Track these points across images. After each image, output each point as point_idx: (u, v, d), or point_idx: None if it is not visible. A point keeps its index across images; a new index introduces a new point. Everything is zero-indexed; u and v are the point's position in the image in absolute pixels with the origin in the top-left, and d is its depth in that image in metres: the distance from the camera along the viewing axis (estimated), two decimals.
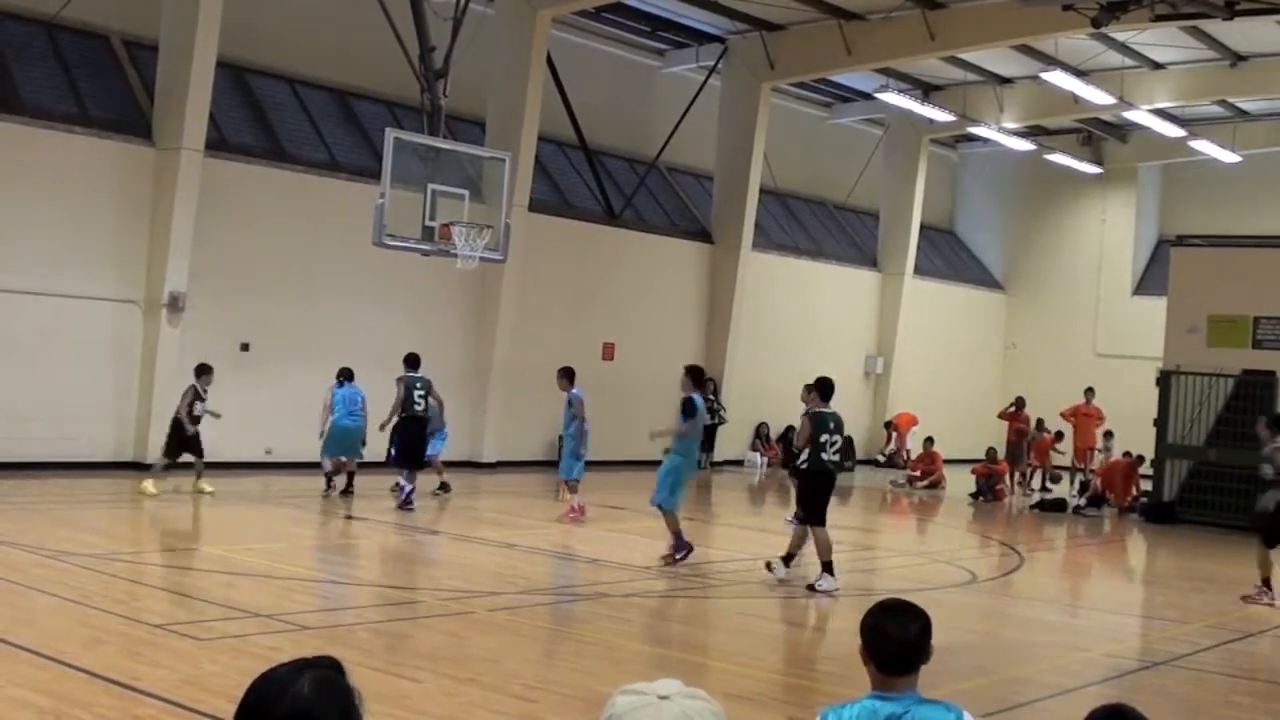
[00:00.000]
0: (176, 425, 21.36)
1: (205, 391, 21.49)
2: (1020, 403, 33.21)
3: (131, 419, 23.90)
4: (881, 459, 38.63)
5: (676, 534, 16.95)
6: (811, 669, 11.78)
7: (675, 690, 2.95)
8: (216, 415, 21.63)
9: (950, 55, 32.84)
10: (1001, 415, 33.59)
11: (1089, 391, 32.17)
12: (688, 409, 17.17)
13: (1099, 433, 32.48)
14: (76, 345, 23.15)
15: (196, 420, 21.36)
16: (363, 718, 2.86)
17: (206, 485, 21.23)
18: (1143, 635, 15.28)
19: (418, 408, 21.99)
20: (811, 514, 16.23)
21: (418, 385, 22.06)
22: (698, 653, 12.52)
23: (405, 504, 21.10)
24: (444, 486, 23.34)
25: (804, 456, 16.31)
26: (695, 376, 17.63)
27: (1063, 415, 32.41)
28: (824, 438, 16.04)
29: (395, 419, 21.83)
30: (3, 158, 22.28)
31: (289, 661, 2.88)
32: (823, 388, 16.58)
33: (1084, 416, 32.31)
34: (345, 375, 23.06)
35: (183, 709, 8.74)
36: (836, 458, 16.41)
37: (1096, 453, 32.31)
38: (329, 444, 22.62)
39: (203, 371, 21.62)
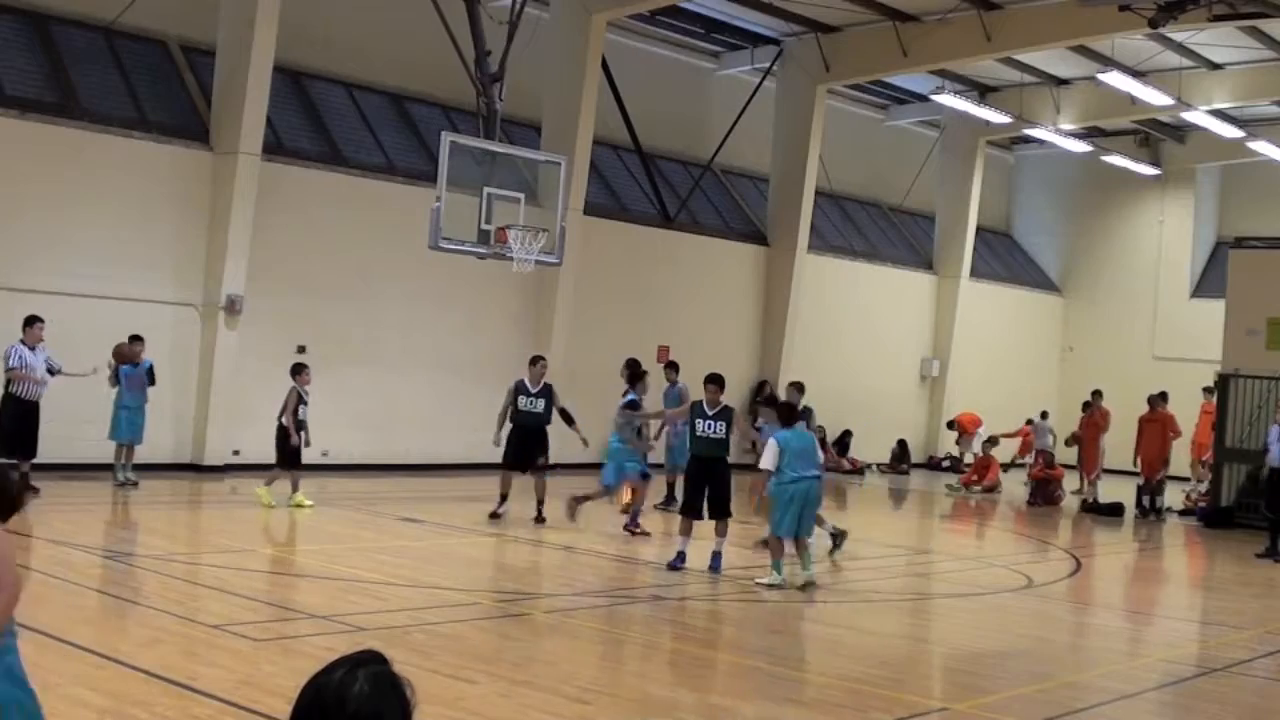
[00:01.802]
0: (284, 433, 20.48)
1: (305, 394, 20.64)
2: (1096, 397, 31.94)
3: (190, 421, 24.09)
4: (946, 463, 38.40)
5: None
6: (867, 673, 11.72)
7: None
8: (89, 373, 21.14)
9: (1006, 56, 32.67)
10: (1070, 441, 32.52)
11: (1162, 397, 30.46)
12: None
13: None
14: None
15: (301, 426, 20.50)
16: (413, 708, 2.90)
17: (305, 499, 20.48)
18: (1200, 641, 15.15)
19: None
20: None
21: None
22: (753, 656, 12.49)
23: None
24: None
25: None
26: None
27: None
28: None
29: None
30: (62, 162, 22.52)
31: (336, 661, 2.90)
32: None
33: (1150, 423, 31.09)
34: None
35: (240, 709, 8.79)
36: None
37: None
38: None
39: (297, 371, 20.81)
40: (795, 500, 15.58)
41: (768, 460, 15.61)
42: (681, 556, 16.67)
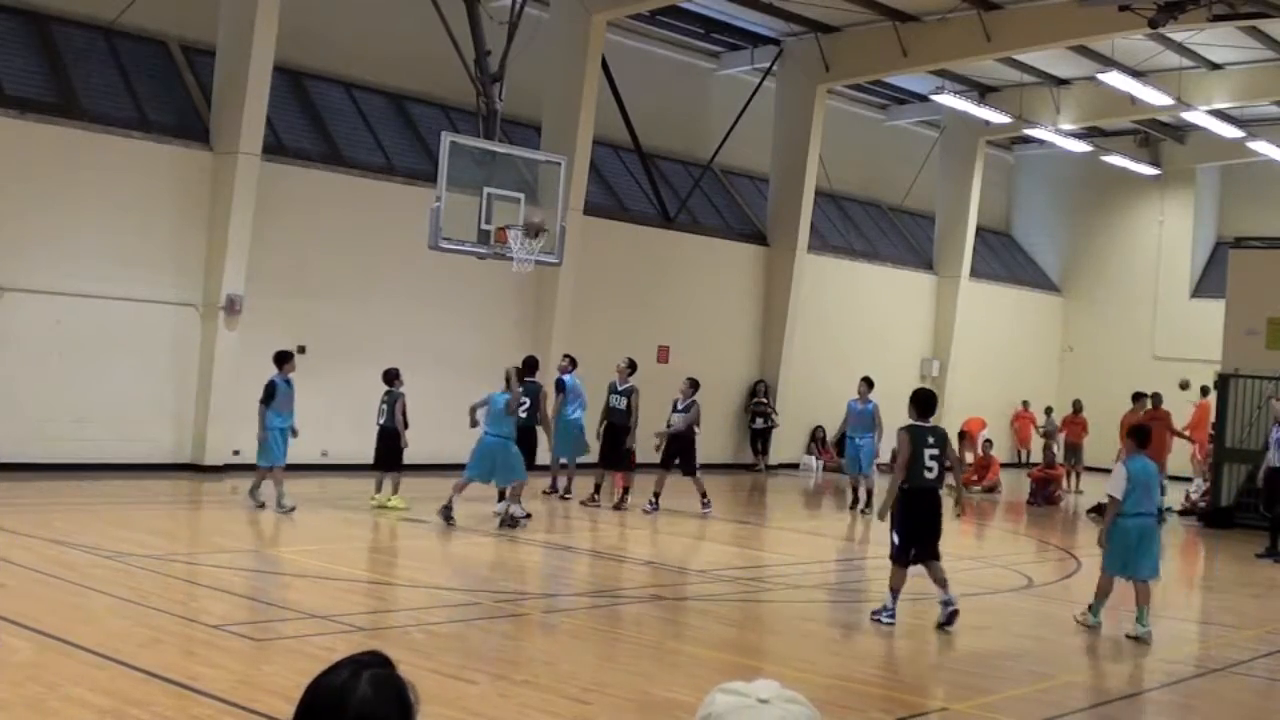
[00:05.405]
0: (394, 435, 21.11)
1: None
2: (1076, 406, 32.94)
3: (190, 421, 24.09)
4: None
5: None
6: (867, 673, 11.73)
7: (774, 693, 2.89)
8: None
9: (1006, 56, 32.67)
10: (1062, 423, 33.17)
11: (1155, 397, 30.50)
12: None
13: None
14: (135, 348, 23.35)
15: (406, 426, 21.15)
16: (416, 711, 2.87)
17: (391, 500, 20.96)
18: (1200, 641, 15.16)
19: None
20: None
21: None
22: (752, 656, 12.49)
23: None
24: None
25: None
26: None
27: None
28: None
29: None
30: (63, 162, 22.52)
31: (341, 662, 2.87)
32: None
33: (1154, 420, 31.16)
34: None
35: (239, 709, 8.79)
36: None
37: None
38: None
39: (396, 376, 21.50)
40: (1130, 537, 13.75)
41: (1116, 487, 13.67)
42: (888, 612, 13.87)
